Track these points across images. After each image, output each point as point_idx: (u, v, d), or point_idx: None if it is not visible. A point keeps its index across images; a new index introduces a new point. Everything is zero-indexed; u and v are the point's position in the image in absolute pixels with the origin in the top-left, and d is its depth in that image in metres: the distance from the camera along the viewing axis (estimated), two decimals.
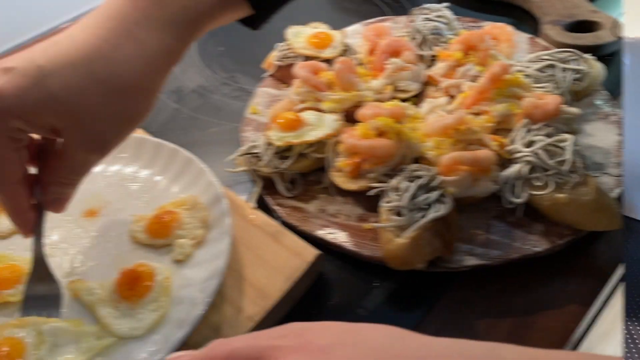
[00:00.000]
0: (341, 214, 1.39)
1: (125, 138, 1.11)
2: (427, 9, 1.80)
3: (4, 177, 1.03)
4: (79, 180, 1.11)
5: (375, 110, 1.41)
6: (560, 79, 1.54)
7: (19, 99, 0.97)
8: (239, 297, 1.19)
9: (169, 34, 1.07)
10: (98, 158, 1.07)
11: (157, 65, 1.08)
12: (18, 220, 1.10)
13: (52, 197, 1.10)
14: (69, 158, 1.05)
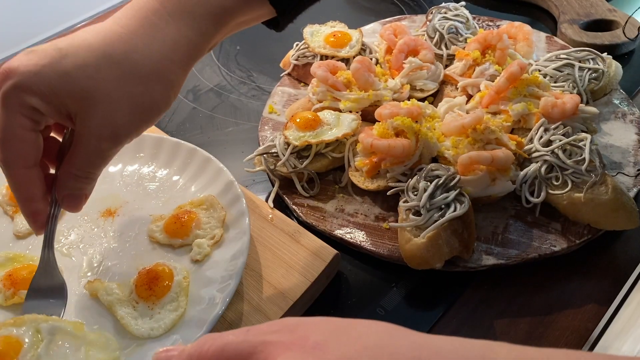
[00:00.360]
0: (359, 214, 1.39)
1: (139, 130, 1.08)
2: (444, 8, 1.79)
3: (18, 158, 1.03)
4: (93, 174, 1.08)
5: (393, 109, 1.41)
6: (578, 78, 1.53)
7: (36, 76, 0.97)
8: (258, 296, 1.20)
9: (188, 26, 1.07)
10: (111, 147, 1.05)
11: (175, 56, 1.07)
12: (28, 210, 1.08)
13: (67, 192, 1.08)
14: (82, 146, 1.03)
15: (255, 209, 1.36)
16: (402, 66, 1.62)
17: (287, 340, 0.67)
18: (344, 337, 0.67)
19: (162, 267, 1.19)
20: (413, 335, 0.67)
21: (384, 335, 0.67)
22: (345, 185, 1.45)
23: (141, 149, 1.46)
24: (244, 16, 1.14)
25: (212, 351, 0.71)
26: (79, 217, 1.35)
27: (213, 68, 1.94)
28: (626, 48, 1.81)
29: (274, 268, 1.25)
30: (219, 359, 0.70)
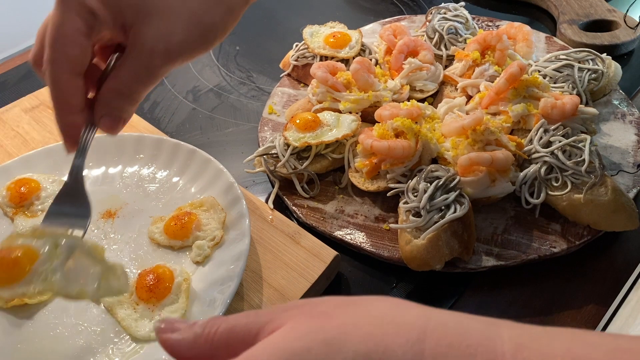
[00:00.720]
0: (359, 215, 1.39)
1: (193, 52, 1.01)
2: (444, 8, 1.80)
3: (66, 61, 0.97)
4: (138, 94, 1.01)
5: (393, 110, 1.41)
6: (577, 79, 1.54)
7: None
8: (258, 298, 1.20)
9: None
10: (162, 64, 0.98)
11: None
12: (64, 121, 1.01)
13: (107, 111, 1.01)
14: (132, 59, 0.98)
15: (256, 210, 1.36)
16: (401, 67, 1.62)
17: (295, 313, 0.67)
18: (350, 307, 0.67)
19: (163, 269, 1.19)
20: (419, 308, 0.67)
21: (391, 306, 0.67)
22: (345, 186, 1.45)
23: (141, 150, 1.46)
24: None
25: (221, 331, 0.69)
26: None
27: (213, 68, 1.94)
28: (625, 48, 1.81)
29: (274, 269, 1.25)
30: (228, 338, 0.69)
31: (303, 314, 0.67)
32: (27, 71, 1.98)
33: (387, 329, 0.63)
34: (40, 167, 1.45)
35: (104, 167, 1.46)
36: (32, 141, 1.59)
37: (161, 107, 1.79)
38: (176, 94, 1.83)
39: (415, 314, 0.65)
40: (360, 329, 0.63)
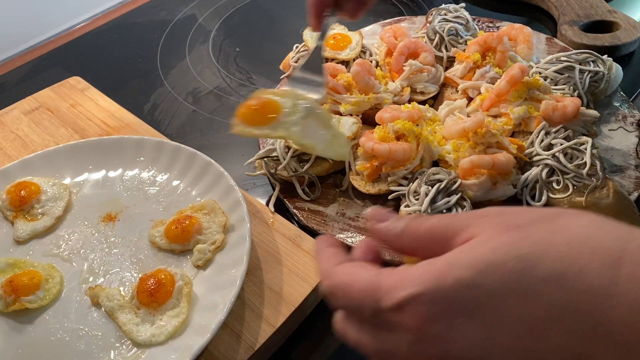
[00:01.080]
0: (360, 218, 1.38)
1: None
2: (444, 9, 1.79)
3: None
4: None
5: (394, 113, 1.41)
6: (579, 81, 1.53)
7: None
8: (259, 302, 1.19)
9: None
10: None
11: None
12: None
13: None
14: None
15: (256, 213, 1.36)
16: (402, 69, 1.61)
17: (491, 223, 0.70)
18: (546, 224, 0.69)
19: (164, 273, 1.19)
20: (619, 229, 0.67)
21: (589, 226, 0.68)
22: (346, 189, 1.44)
23: (141, 153, 1.45)
24: None
25: (423, 230, 0.75)
26: (79, 222, 1.35)
27: (213, 70, 1.93)
28: (626, 50, 1.81)
29: (275, 273, 1.25)
30: (428, 237, 0.75)
31: (499, 224, 0.70)
32: (27, 73, 1.98)
33: (582, 250, 0.65)
34: (40, 170, 1.44)
35: (104, 170, 1.46)
36: (31, 144, 1.59)
37: (161, 110, 1.78)
38: (176, 96, 1.83)
39: (614, 236, 0.66)
40: (556, 248, 0.65)
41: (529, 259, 0.65)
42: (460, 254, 0.69)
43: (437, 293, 0.67)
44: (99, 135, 1.59)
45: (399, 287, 0.69)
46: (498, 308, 0.66)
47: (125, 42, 2.12)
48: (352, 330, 0.77)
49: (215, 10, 2.24)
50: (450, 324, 0.67)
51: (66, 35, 2.19)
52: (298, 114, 1.12)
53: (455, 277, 0.66)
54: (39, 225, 1.33)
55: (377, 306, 0.71)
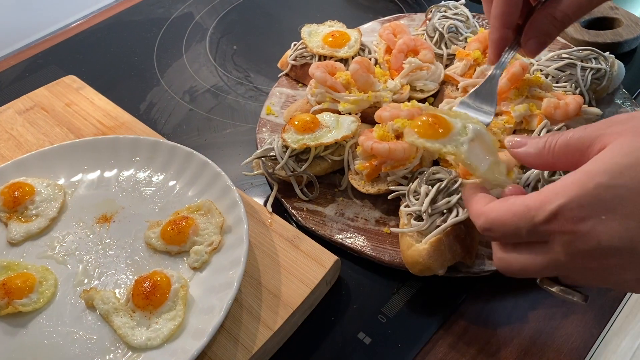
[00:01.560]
0: (359, 218, 1.37)
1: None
2: (444, 6, 1.78)
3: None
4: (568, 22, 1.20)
5: (393, 111, 1.39)
6: (580, 78, 1.52)
7: None
8: (257, 304, 1.18)
9: None
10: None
11: None
12: (497, 35, 1.28)
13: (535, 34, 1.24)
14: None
15: (254, 213, 1.34)
16: (401, 66, 1.60)
17: (621, 130, 0.86)
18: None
19: (159, 275, 1.17)
20: None
21: None
22: (345, 188, 1.43)
23: (137, 153, 1.44)
24: None
25: (560, 144, 0.94)
26: (74, 224, 1.33)
27: (210, 68, 1.92)
28: (628, 46, 1.79)
29: (273, 275, 1.23)
30: (566, 150, 0.93)
31: (629, 131, 0.85)
32: (21, 72, 1.96)
33: None
34: (34, 171, 1.43)
35: (99, 170, 1.44)
36: (26, 144, 1.57)
37: (157, 108, 1.77)
38: (173, 95, 1.81)
39: None
40: None
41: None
42: (597, 162, 0.84)
43: (581, 199, 0.83)
44: (94, 134, 1.57)
45: (548, 201, 0.86)
46: (637, 201, 0.80)
47: (121, 40, 2.10)
48: (513, 257, 0.95)
49: (212, 8, 2.22)
50: (597, 221, 0.82)
51: (61, 33, 2.17)
52: (467, 135, 1.15)
53: (595, 182, 0.82)
54: (33, 227, 1.32)
55: (532, 223, 0.88)
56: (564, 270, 0.93)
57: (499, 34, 1.27)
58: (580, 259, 0.87)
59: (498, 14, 1.25)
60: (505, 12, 1.24)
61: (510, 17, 1.25)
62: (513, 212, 0.91)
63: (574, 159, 0.92)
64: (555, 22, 1.20)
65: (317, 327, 1.21)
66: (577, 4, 1.16)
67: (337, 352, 1.17)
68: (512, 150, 1.03)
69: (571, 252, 0.87)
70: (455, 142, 1.14)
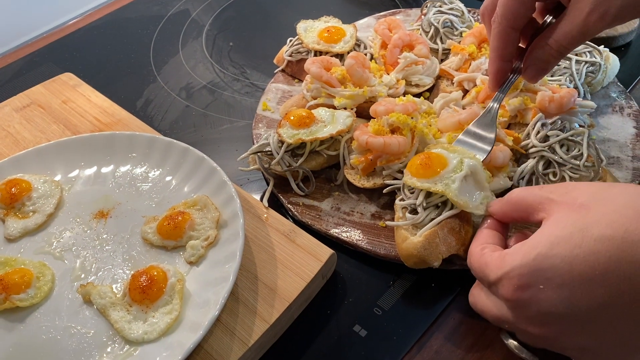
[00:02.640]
0: (355, 212, 1.37)
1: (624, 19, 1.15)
2: (439, 2, 1.78)
3: (510, 16, 1.23)
4: (565, 50, 1.22)
5: (388, 106, 1.39)
6: (575, 72, 1.52)
7: None
8: (253, 298, 1.18)
9: None
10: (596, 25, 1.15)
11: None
12: (495, 67, 1.32)
13: (533, 62, 1.27)
14: (568, 20, 1.17)
15: (250, 208, 1.34)
16: (397, 61, 1.60)
17: (563, 200, 0.97)
18: (604, 197, 0.92)
19: (156, 270, 1.18)
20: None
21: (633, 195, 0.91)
22: (340, 183, 1.44)
23: (133, 149, 1.44)
24: None
25: (516, 198, 1.08)
26: (71, 219, 1.34)
27: (206, 65, 1.92)
28: (623, 40, 1.80)
29: (269, 269, 1.23)
30: (520, 204, 1.07)
31: (566, 205, 0.95)
32: (18, 69, 1.97)
33: (627, 214, 0.87)
34: (31, 167, 1.43)
35: (95, 166, 1.44)
36: (23, 141, 1.57)
37: (154, 105, 1.77)
38: (169, 91, 1.82)
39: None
40: (608, 217, 0.88)
41: (588, 229, 0.89)
42: (538, 237, 0.94)
43: (522, 268, 0.93)
44: (91, 131, 1.57)
45: (498, 266, 0.97)
46: (570, 269, 0.88)
47: (117, 37, 2.11)
48: (480, 296, 1.08)
49: (208, 5, 2.23)
50: (536, 290, 0.91)
51: (58, 31, 2.17)
52: (461, 172, 1.21)
53: (536, 252, 0.92)
54: (30, 223, 1.32)
55: (487, 280, 1.01)
56: (514, 330, 1.03)
57: (495, 66, 1.32)
58: (525, 323, 0.97)
59: (494, 47, 1.29)
60: (501, 47, 1.29)
61: (505, 51, 1.29)
62: (479, 263, 1.05)
63: (523, 216, 1.07)
64: (552, 52, 1.23)
65: (313, 320, 1.22)
66: (570, 36, 1.18)
67: (333, 344, 1.18)
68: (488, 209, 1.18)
69: (516, 316, 0.98)
70: (447, 179, 1.21)
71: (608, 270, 0.86)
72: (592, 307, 0.88)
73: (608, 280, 0.86)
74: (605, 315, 0.88)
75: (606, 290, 0.86)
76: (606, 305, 0.87)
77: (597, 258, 0.86)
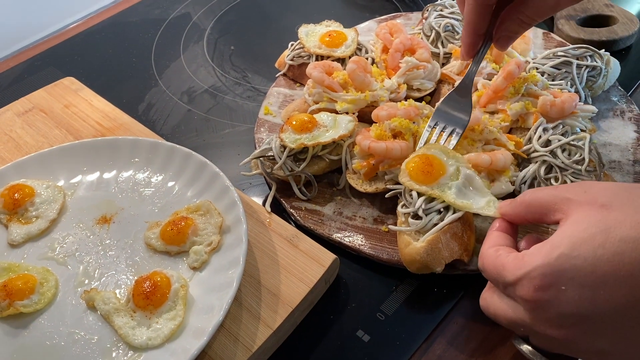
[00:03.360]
0: (357, 216, 1.38)
1: None
2: (440, 5, 1.78)
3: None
4: (534, 22, 1.29)
5: (390, 110, 1.40)
6: (576, 76, 1.52)
7: None
8: (257, 303, 1.18)
9: None
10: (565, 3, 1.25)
11: None
12: (468, 40, 1.36)
13: (505, 33, 1.33)
14: None
15: (253, 213, 1.35)
16: (398, 66, 1.60)
17: (582, 199, 0.96)
18: (625, 196, 0.93)
19: (159, 275, 1.18)
20: None
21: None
22: (343, 187, 1.44)
23: (136, 154, 1.44)
24: None
25: (529, 199, 1.07)
26: (74, 225, 1.34)
27: (207, 69, 1.92)
28: (623, 44, 1.80)
29: (272, 274, 1.23)
30: (533, 205, 1.05)
31: (586, 205, 0.94)
32: (20, 74, 1.97)
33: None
34: (34, 173, 1.43)
35: (98, 172, 1.44)
36: (25, 145, 1.57)
37: (156, 109, 1.77)
38: (171, 95, 1.82)
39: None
40: (632, 218, 0.88)
41: (610, 230, 0.88)
42: (559, 237, 0.93)
43: (544, 268, 0.91)
44: (93, 136, 1.58)
45: (517, 266, 0.95)
46: (593, 270, 0.87)
47: (119, 41, 2.11)
48: (492, 300, 1.05)
49: (209, 9, 2.23)
50: (558, 290, 0.90)
51: (59, 35, 2.17)
52: (458, 180, 1.24)
53: (559, 252, 0.90)
54: (34, 228, 1.32)
55: (504, 281, 0.98)
56: (531, 333, 1.01)
57: (470, 39, 1.36)
58: (543, 325, 0.95)
59: (469, 21, 1.32)
60: (475, 21, 1.31)
61: (479, 25, 1.32)
62: (494, 265, 1.02)
63: (536, 217, 1.06)
64: (523, 24, 1.29)
65: (316, 325, 1.22)
66: (543, 9, 1.25)
67: (336, 350, 1.18)
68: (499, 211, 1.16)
69: (535, 318, 0.96)
70: (444, 186, 1.24)
71: (633, 272, 0.85)
72: (614, 309, 0.87)
73: (632, 282, 0.85)
74: (627, 318, 0.88)
75: (630, 292, 0.86)
76: (629, 307, 0.87)
77: (622, 259, 0.86)
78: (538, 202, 1.04)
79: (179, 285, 1.17)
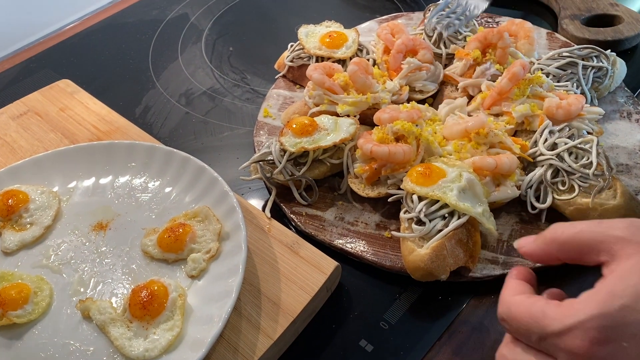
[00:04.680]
0: (359, 222, 1.35)
1: None
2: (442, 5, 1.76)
3: None
4: None
5: (393, 113, 1.37)
6: (582, 77, 1.50)
7: None
8: (257, 313, 1.16)
9: None
10: None
11: None
12: None
13: None
14: None
15: (252, 219, 1.32)
16: (400, 67, 1.58)
17: (633, 240, 0.82)
18: None
19: (156, 284, 1.15)
20: None
21: None
22: (344, 192, 1.41)
23: (133, 158, 1.42)
24: None
25: (566, 236, 0.90)
26: (69, 232, 1.31)
27: (206, 70, 1.90)
28: (629, 44, 1.78)
29: (272, 282, 1.21)
30: (570, 243, 0.89)
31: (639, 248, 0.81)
32: (14, 76, 1.95)
33: None
34: (28, 178, 1.41)
35: (94, 177, 1.42)
36: (20, 150, 1.55)
37: (153, 112, 1.75)
38: (169, 98, 1.79)
39: None
40: None
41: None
42: (619, 285, 0.79)
43: (604, 319, 0.77)
44: (89, 139, 1.55)
45: (566, 315, 0.81)
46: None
47: (115, 42, 2.09)
48: (517, 356, 0.88)
49: (207, 9, 2.21)
50: (618, 346, 0.77)
51: (55, 36, 2.15)
52: (460, 182, 1.23)
53: (621, 303, 0.77)
54: (28, 236, 1.30)
55: (544, 331, 0.83)
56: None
57: None
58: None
59: None
60: None
61: None
62: (530, 313, 0.86)
63: (580, 255, 0.89)
64: None
65: (318, 335, 1.20)
66: None
67: None
68: (521, 250, 0.98)
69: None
70: (444, 188, 1.22)
71: None
72: None
73: None
74: None
75: None
76: None
77: None
78: (577, 240, 0.88)
79: (177, 294, 1.14)
